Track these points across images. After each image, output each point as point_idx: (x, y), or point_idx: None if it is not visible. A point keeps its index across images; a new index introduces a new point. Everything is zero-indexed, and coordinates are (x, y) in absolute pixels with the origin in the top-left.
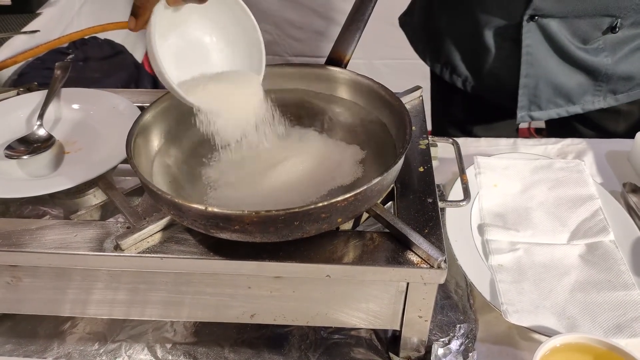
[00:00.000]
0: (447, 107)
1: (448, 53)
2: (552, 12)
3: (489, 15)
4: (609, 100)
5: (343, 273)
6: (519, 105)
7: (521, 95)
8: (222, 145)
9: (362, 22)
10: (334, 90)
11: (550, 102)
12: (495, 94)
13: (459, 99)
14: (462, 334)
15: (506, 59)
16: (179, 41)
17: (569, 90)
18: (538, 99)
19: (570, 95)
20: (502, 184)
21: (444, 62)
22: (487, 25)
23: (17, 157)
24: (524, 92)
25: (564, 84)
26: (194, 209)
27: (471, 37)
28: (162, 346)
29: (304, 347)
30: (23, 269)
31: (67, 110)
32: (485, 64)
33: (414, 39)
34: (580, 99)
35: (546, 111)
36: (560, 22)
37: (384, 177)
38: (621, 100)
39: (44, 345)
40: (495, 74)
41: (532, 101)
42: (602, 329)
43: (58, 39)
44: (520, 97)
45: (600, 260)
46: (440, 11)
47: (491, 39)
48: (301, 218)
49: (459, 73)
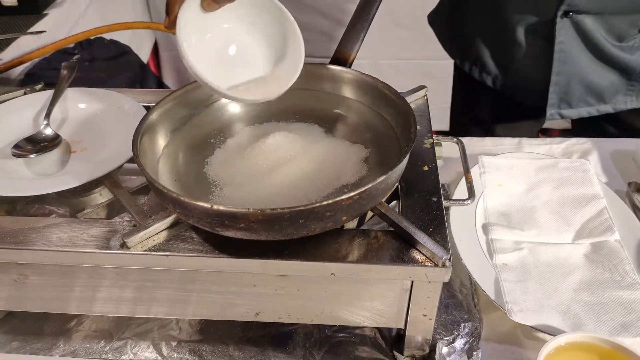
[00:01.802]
0: (471, 106)
1: (478, 51)
2: (587, 8)
3: (521, 13)
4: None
5: (348, 271)
6: (549, 102)
7: (552, 93)
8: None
9: (366, 22)
10: (339, 89)
11: (581, 101)
12: (525, 92)
13: (485, 97)
14: (466, 333)
15: (538, 57)
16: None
17: (600, 89)
18: (569, 97)
19: (602, 94)
20: (506, 183)
21: (474, 60)
22: (518, 23)
23: (24, 156)
24: (554, 90)
25: (596, 83)
26: (200, 207)
27: (502, 34)
28: (168, 344)
29: (309, 346)
30: (30, 266)
31: (73, 109)
32: (516, 61)
33: (443, 37)
34: (612, 98)
35: (576, 109)
36: (595, 18)
37: (389, 176)
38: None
39: (50, 343)
40: (526, 71)
41: (563, 99)
42: (607, 328)
43: (64, 40)
44: (551, 94)
45: (605, 260)
46: (470, 9)
47: (522, 37)
48: (306, 216)
49: (489, 71)
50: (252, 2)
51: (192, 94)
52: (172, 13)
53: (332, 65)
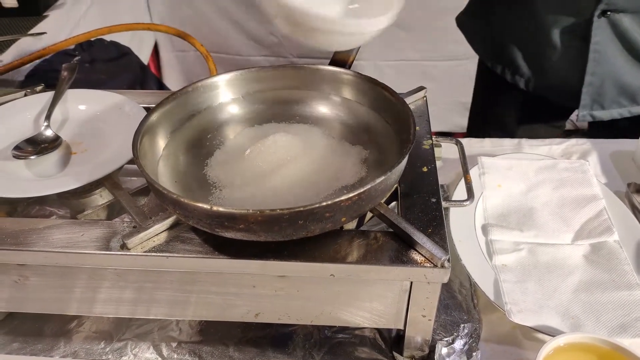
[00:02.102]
0: (496, 108)
1: (510, 53)
2: (625, 7)
3: (556, 14)
4: None
5: (347, 272)
6: (582, 103)
7: (584, 94)
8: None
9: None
10: (338, 90)
11: (613, 102)
12: (558, 93)
13: (513, 99)
14: (466, 334)
15: (572, 58)
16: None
17: (634, 90)
18: (602, 98)
19: (635, 95)
20: (506, 184)
21: (506, 62)
22: (554, 24)
23: (24, 157)
24: (587, 91)
25: (631, 84)
26: (199, 208)
27: (536, 36)
28: (168, 345)
29: (308, 346)
30: (30, 268)
31: (73, 111)
32: (550, 63)
33: (474, 40)
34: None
35: (609, 111)
36: (633, 17)
37: (388, 177)
38: None
39: (50, 344)
40: (559, 73)
41: (595, 100)
42: (606, 329)
43: (65, 41)
44: (584, 95)
45: (605, 260)
46: (502, 11)
47: (557, 38)
48: (305, 217)
49: (522, 73)
50: None
51: (192, 95)
52: None
53: (331, 66)
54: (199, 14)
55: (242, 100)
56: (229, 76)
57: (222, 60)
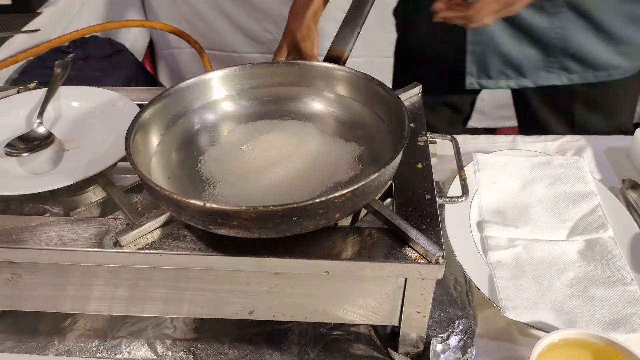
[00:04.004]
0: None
1: (415, 19)
2: None
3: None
4: (563, 78)
5: (341, 269)
6: (467, 71)
7: (469, 62)
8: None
9: (360, 19)
10: (333, 87)
11: (500, 73)
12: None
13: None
14: (460, 330)
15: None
16: None
17: (518, 63)
18: (487, 68)
19: (521, 68)
20: (501, 180)
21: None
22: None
23: (17, 154)
24: (472, 59)
25: (513, 55)
26: (192, 205)
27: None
28: (162, 342)
29: (303, 343)
30: (23, 265)
31: (66, 108)
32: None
33: (395, 11)
34: (532, 73)
35: (495, 81)
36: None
37: (382, 174)
38: (575, 80)
39: (44, 342)
40: (450, 41)
41: (482, 70)
42: (600, 325)
43: (58, 38)
44: (469, 63)
45: (599, 257)
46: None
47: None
48: (299, 214)
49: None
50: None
51: (186, 92)
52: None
53: (326, 62)
54: (194, 11)
55: (236, 97)
56: (222, 73)
57: (217, 57)
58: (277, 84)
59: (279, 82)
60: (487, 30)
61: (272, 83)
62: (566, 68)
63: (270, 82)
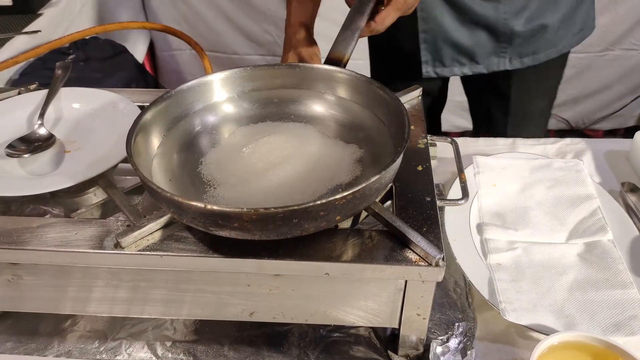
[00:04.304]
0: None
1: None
2: None
3: None
4: (515, 62)
5: (342, 271)
6: (422, 60)
7: (423, 50)
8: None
9: (361, 22)
10: (333, 89)
11: (454, 60)
12: (408, 52)
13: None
14: (460, 332)
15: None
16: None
17: (470, 49)
18: (440, 55)
19: (473, 54)
20: (500, 183)
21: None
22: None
23: (18, 155)
24: (425, 48)
25: (463, 43)
26: (193, 207)
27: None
28: (162, 344)
29: (304, 345)
30: (24, 266)
31: (67, 109)
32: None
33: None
34: (485, 59)
35: (450, 68)
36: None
37: (382, 176)
38: (527, 63)
39: (44, 343)
40: (405, 29)
41: (435, 57)
42: (600, 328)
43: (59, 39)
44: (423, 52)
45: (599, 259)
46: None
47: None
48: (299, 216)
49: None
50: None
51: (187, 93)
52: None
53: (326, 65)
54: (194, 12)
55: (237, 99)
56: (224, 75)
57: (217, 59)
58: (278, 86)
59: (280, 84)
60: (436, 19)
61: (273, 85)
62: (519, 53)
63: (272, 85)
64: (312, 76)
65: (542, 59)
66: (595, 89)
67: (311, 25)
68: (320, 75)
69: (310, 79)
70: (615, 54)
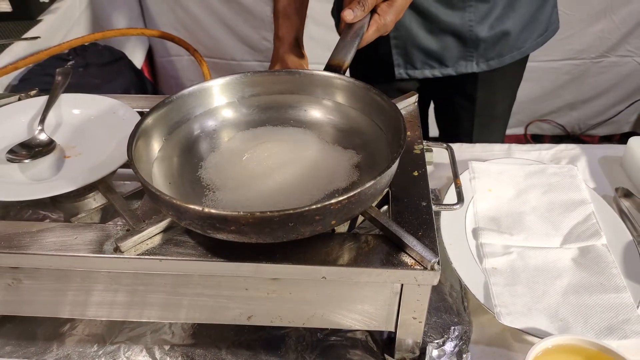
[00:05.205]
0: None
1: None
2: None
3: None
4: (482, 65)
5: (338, 274)
6: (395, 63)
7: (395, 54)
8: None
9: (360, 30)
10: (332, 95)
11: (424, 63)
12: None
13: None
14: (456, 336)
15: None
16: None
17: (439, 54)
18: (411, 59)
19: (442, 58)
20: (496, 188)
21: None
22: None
23: (18, 160)
24: (396, 52)
25: (432, 48)
26: (192, 210)
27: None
28: (161, 348)
29: (301, 349)
30: (23, 271)
31: (67, 115)
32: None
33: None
34: (454, 63)
35: (421, 70)
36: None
37: (378, 181)
38: (493, 65)
39: (43, 347)
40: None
41: (407, 61)
42: (593, 331)
43: (58, 46)
44: (395, 55)
45: (593, 264)
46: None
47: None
48: (295, 220)
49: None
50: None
51: (188, 98)
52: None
53: (325, 71)
54: (193, 19)
55: (237, 104)
56: (224, 80)
57: (215, 65)
58: (277, 91)
59: (280, 90)
60: (406, 27)
61: (272, 91)
62: (484, 56)
63: (271, 90)
64: (311, 82)
65: (507, 62)
66: (590, 95)
67: (300, 37)
68: (319, 81)
69: (309, 85)
70: (611, 61)
